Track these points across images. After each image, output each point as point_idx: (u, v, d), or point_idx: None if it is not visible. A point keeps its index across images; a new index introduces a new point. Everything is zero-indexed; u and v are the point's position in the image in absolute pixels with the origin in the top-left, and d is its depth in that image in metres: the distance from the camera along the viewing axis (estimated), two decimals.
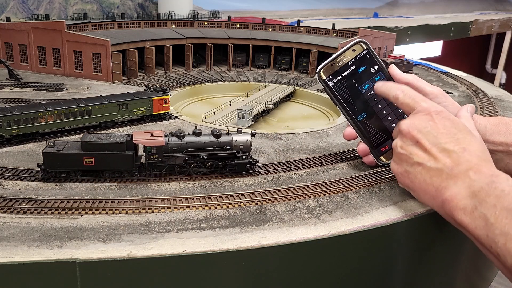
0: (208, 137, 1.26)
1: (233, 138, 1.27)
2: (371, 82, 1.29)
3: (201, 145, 1.24)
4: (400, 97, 1.16)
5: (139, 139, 1.21)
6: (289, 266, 1.00)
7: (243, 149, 1.27)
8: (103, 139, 1.20)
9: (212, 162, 1.26)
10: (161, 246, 0.92)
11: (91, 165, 1.19)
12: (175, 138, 1.23)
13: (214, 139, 1.25)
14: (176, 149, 1.23)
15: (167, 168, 1.24)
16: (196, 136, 1.25)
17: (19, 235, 0.93)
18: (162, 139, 1.22)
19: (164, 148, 1.21)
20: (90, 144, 1.19)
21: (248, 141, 1.28)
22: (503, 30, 7.28)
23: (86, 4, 3.99)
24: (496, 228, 0.85)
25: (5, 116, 1.44)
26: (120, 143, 1.19)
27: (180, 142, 1.23)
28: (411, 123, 1.10)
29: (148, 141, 1.21)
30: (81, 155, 1.18)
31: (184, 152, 1.23)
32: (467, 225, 0.91)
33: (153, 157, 1.21)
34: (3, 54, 2.45)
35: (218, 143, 1.25)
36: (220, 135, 1.26)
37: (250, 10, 5.37)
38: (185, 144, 1.23)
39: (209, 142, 1.25)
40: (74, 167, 1.19)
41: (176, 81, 2.57)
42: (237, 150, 1.26)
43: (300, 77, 2.87)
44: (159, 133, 1.23)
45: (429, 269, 1.23)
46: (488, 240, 0.86)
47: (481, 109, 2.16)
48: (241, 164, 1.26)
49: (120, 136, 1.22)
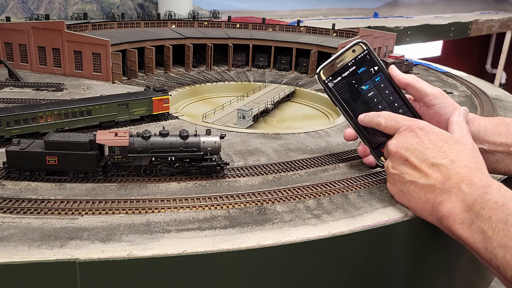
0: (174, 138, 1.23)
1: (201, 140, 1.24)
2: (371, 83, 1.29)
3: (167, 146, 1.22)
4: (382, 122, 1.20)
5: (102, 139, 1.19)
6: (289, 266, 1.00)
7: (211, 151, 1.24)
8: (67, 138, 1.18)
9: (179, 164, 1.23)
10: (161, 246, 0.92)
11: (54, 164, 1.18)
12: (140, 138, 1.21)
13: (180, 140, 1.23)
14: (141, 149, 1.20)
15: (132, 169, 1.22)
16: (162, 137, 1.23)
17: (19, 235, 0.93)
18: (125, 139, 1.19)
19: (129, 148, 1.19)
20: (53, 143, 1.17)
21: (217, 143, 1.25)
22: (503, 30, 7.28)
23: (86, 4, 3.99)
24: (494, 240, 0.85)
25: (5, 116, 1.44)
26: (83, 142, 1.17)
27: (145, 142, 1.21)
28: (397, 142, 1.13)
29: (111, 141, 1.18)
30: (44, 154, 1.17)
31: (149, 153, 1.21)
32: (466, 239, 0.91)
33: (116, 157, 1.19)
34: (3, 54, 2.45)
35: (185, 144, 1.22)
36: (187, 136, 1.23)
37: (250, 10, 5.37)
38: (151, 145, 1.21)
39: (175, 143, 1.22)
40: (37, 166, 1.18)
41: (176, 81, 2.57)
42: (205, 152, 1.23)
43: (300, 77, 2.87)
44: (124, 133, 1.21)
45: (429, 269, 1.23)
46: (487, 253, 0.86)
47: (481, 109, 2.16)
48: (209, 166, 1.23)
49: (84, 136, 1.20)
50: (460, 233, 0.92)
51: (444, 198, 0.98)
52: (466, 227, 0.91)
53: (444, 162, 1.02)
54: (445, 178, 1.00)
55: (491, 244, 0.85)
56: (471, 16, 7.21)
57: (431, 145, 1.06)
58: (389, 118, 1.20)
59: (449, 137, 1.08)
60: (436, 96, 1.26)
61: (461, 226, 0.92)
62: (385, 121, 1.20)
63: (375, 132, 1.28)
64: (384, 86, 1.29)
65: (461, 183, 0.96)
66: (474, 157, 1.04)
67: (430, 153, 1.05)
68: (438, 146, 1.06)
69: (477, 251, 0.89)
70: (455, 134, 1.13)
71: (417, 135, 1.10)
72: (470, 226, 0.90)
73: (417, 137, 1.09)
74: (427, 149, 1.06)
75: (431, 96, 1.26)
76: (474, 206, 0.91)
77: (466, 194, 0.94)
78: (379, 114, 1.22)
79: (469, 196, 0.93)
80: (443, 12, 7.58)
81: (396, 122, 1.17)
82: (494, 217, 0.86)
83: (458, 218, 0.93)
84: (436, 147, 1.05)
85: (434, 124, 1.16)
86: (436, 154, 1.04)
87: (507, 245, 0.82)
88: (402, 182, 1.10)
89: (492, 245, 0.85)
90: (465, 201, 0.93)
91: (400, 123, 1.16)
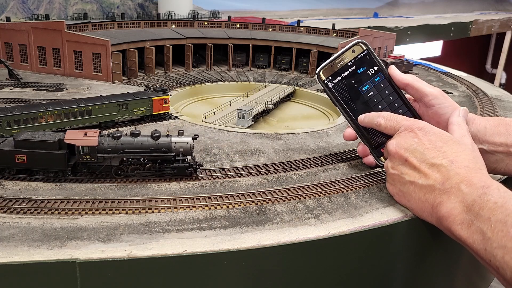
0: (145, 138, 1.22)
1: (172, 141, 1.22)
2: (371, 83, 1.29)
3: (138, 147, 1.20)
4: (382, 123, 1.21)
5: (71, 139, 1.18)
6: (289, 267, 1.00)
7: (183, 152, 1.22)
8: (36, 137, 1.18)
9: (151, 165, 1.22)
10: (161, 246, 0.92)
11: (24, 163, 1.17)
12: (110, 138, 1.20)
13: (151, 141, 1.21)
14: (111, 150, 1.19)
15: (102, 169, 1.21)
16: (133, 137, 1.22)
17: (19, 235, 0.93)
18: (94, 139, 1.18)
19: (98, 148, 1.18)
20: (22, 142, 1.16)
21: (189, 144, 1.23)
22: (503, 30, 7.28)
23: (86, 4, 3.99)
24: (493, 241, 0.85)
25: (5, 116, 1.44)
26: (52, 142, 1.17)
27: (115, 142, 1.20)
28: (397, 142, 1.13)
29: (80, 141, 1.18)
30: (13, 152, 1.16)
31: (119, 153, 1.20)
32: (465, 240, 0.91)
33: (85, 157, 1.18)
34: (3, 54, 2.45)
35: (156, 145, 1.21)
36: (158, 136, 1.21)
37: (250, 10, 5.37)
38: (121, 145, 1.20)
39: (146, 143, 1.21)
40: (7, 164, 1.17)
41: (176, 81, 2.57)
42: (176, 153, 1.21)
43: (300, 77, 2.87)
44: (93, 133, 1.20)
45: (429, 269, 1.23)
46: (487, 254, 0.86)
47: (481, 109, 2.16)
48: (181, 167, 1.22)
49: (54, 135, 1.19)
50: (460, 233, 0.92)
51: (443, 199, 0.98)
52: (466, 228, 0.91)
53: (443, 163, 1.02)
54: (445, 178, 1.00)
55: (490, 244, 0.85)
56: (471, 16, 7.21)
57: (430, 146, 1.06)
58: (388, 118, 1.20)
59: (449, 138, 1.08)
60: (436, 96, 1.26)
61: (460, 227, 0.92)
62: (385, 121, 1.20)
63: (375, 132, 1.28)
64: (383, 86, 1.30)
65: (461, 184, 0.96)
66: (473, 157, 1.04)
67: (429, 154, 1.05)
68: (437, 147, 1.06)
69: (477, 252, 0.89)
70: (455, 134, 1.13)
71: (417, 136, 1.10)
72: (470, 226, 0.90)
73: (416, 138, 1.09)
74: (426, 150, 1.06)
75: (430, 96, 1.26)
76: (474, 206, 0.91)
77: (466, 195, 0.94)
78: (379, 114, 1.22)
79: (469, 197, 0.93)
80: (443, 12, 7.58)
81: (396, 123, 1.17)
82: (493, 218, 0.86)
83: (458, 219, 0.93)
84: (435, 148, 1.06)
85: (434, 124, 1.16)
86: (436, 155, 1.04)
87: (506, 246, 0.82)
88: (402, 183, 1.10)
89: (492, 246, 0.85)
90: (465, 201, 0.93)
91: (399, 124, 1.16)
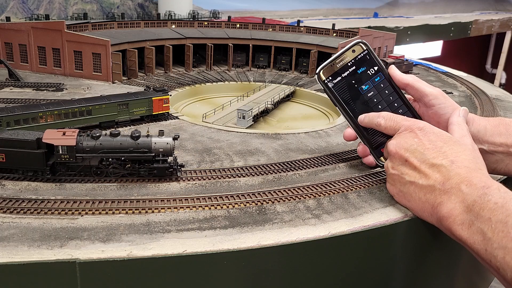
0: (125, 138, 1.21)
1: (152, 141, 1.21)
2: (371, 83, 1.29)
3: (117, 147, 1.20)
4: (382, 123, 1.21)
5: (49, 138, 1.17)
6: (289, 267, 1.00)
7: (163, 152, 1.21)
8: (15, 136, 1.17)
9: (130, 165, 1.21)
10: (161, 246, 0.92)
11: (2, 162, 1.17)
12: (89, 138, 1.20)
13: (131, 141, 1.20)
14: (89, 149, 1.18)
15: (81, 169, 1.21)
16: (112, 137, 1.21)
17: (19, 235, 0.93)
18: (72, 139, 1.17)
19: (77, 148, 1.18)
20: (1, 141, 1.16)
21: (169, 145, 1.21)
22: (503, 30, 7.28)
23: (86, 4, 3.99)
24: (494, 242, 0.85)
25: (5, 116, 1.44)
26: (30, 141, 1.16)
27: (94, 142, 1.19)
28: (397, 143, 1.13)
29: (58, 140, 1.17)
30: None
31: (98, 153, 1.19)
32: (466, 240, 0.91)
33: (64, 157, 1.18)
34: (3, 54, 2.45)
35: (136, 145, 1.20)
36: (138, 137, 1.21)
37: (250, 10, 5.37)
38: (100, 145, 1.19)
39: (125, 143, 1.20)
40: None
41: (176, 81, 2.57)
42: (156, 153, 1.21)
43: (300, 77, 2.87)
44: (72, 133, 1.19)
45: (429, 269, 1.23)
46: (487, 254, 0.86)
47: (481, 109, 2.16)
48: (160, 168, 1.21)
49: (33, 134, 1.19)
50: (460, 234, 0.92)
51: (444, 199, 0.98)
52: (466, 228, 0.91)
53: (443, 163, 1.02)
54: (445, 178, 1.00)
55: (491, 245, 0.85)
56: (471, 16, 7.21)
57: (430, 146, 1.06)
58: (388, 118, 1.20)
59: (449, 138, 1.08)
60: (436, 97, 1.26)
61: (461, 227, 0.92)
62: (385, 121, 1.20)
63: (375, 132, 1.28)
64: (384, 86, 1.30)
65: (461, 184, 0.96)
66: (474, 157, 1.04)
67: (429, 154, 1.05)
68: (437, 147, 1.06)
69: (477, 252, 0.89)
70: (455, 134, 1.13)
71: (417, 136, 1.10)
72: (470, 227, 0.90)
73: (416, 138, 1.09)
74: (426, 150, 1.06)
75: (431, 96, 1.26)
76: (474, 207, 0.91)
77: (466, 195, 0.94)
78: (379, 114, 1.22)
79: (469, 197, 0.93)
80: (443, 12, 7.58)
81: (396, 123, 1.17)
82: (493, 218, 0.86)
83: (458, 219, 0.93)
84: (435, 148, 1.06)
85: (434, 124, 1.16)
86: (436, 155, 1.04)
87: (507, 247, 0.82)
88: (402, 183, 1.10)
89: (492, 246, 0.85)
90: (465, 202, 0.93)
91: (399, 124, 1.16)
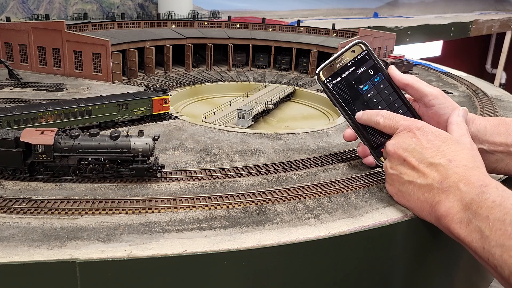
0: (104, 138, 1.20)
1: (131, 141, 1.20)
2: (370, 83, 1.29)
3: (96, 147, 1.19)
4: (381, 121, 1.20)
5: (27, 137, 1.16)
6: (289, 267, 1.00)
7: (143, 153, 1.20)
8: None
9: (109, 165, 1.20)
10: (161, 246, 0.92)
11: None
12: (68, 137, 1.19)
13: (110, 141, 1.20)
14: (67, 149, 1.18)
15: (59, 169, 1.20)
16: (91, 136, 1.20)
17: (19, 235, 0.93)
18: (50, 138, 1.17)
19: (55, 147, 1.17)
20: None
21: (148, 145, 1.20)
22: (503, 30, 7.28)
23: (86, 4, 3.99)
24: (491, 240, 0.85)
25: (5, 116, 1.44)
26: (8, 139, 1.16)
27: (72, 142, 1.18)
28: (395, 142, 1.13)
29: (35, 140, 1.16)
30: None
31: (76, 153, 1.18)
32: (464, 238, 0.91)
33: (41, 156, 1.17)
34: (3, 54, 2.45)
35: (115, 145, 1.19)
36: (117, 137, 1.20)
37: (250, 10, 5.37)
38: (78, 144, 1.18)
39: (104, 143, 1.19)
40: None
41: (176, 81, 2.57)
42: (135, 153, 1.20)
43: (300, 77, 2.87)
44: (50, 132, 1.18)
45: (429, 269, 1.23)
46: (485, 252, 0.86)
47: (481, 109, 2.16)
48: (139, 168, 1.20)
49: (11, 133, 1.18)
50: (458, 232, 0.92)
51: (442, 198, 0.98)
52: (464, 227, 0.91)
53: (442, 162, 1.02)
54: (443, 177, 1.00)
55: (488, 243, 0.85)
56: (471, 16, 7.21)
57: (429, 145, 1.06)
58: (387, 117, 1.20)
59: (447, 137, 1.09)
60: (436, 97, 1.26)
61: (459, 226, 0.92)
62: (384, 120, 1.20)
63: (374, 132, 1.28)
64: (383, 87, 1.30)
65: (459, 182, 0.96)
66: (472, 156, 1.04)
67: (428, 153, 1.05)
68: (436, 146, 1.06)
69: (475, 251, 0.89)
70: (454, 134, 1.13)
71: (415, 135, 1.10)
72: (468, 225, 0.90)
73: (415, 137, 1.10)
74: (425, 149, 1.06)
75: (430, 96, 1.26)
76: (472, 205, 0.91)
77: (464, 193, 0.94)
78: (378, 112, 1.22)
79: (467, 195, 0.93)
80: (443, 12, 7.58)
81: (395, 122, 1.17)
82: (491, 216, 0.86)
83: (456, 218, 0.93)
84: (434, 147, 1.06)
85: (434, 124, 1.17)
86: (434, 154, 1.04)
87: (504, 245, 0.82)
88: (401, 182, 1.11)
89: (490, 244, 0.85)
90: (463, 200, 0.93)
91: (398, 123, 1.16)
